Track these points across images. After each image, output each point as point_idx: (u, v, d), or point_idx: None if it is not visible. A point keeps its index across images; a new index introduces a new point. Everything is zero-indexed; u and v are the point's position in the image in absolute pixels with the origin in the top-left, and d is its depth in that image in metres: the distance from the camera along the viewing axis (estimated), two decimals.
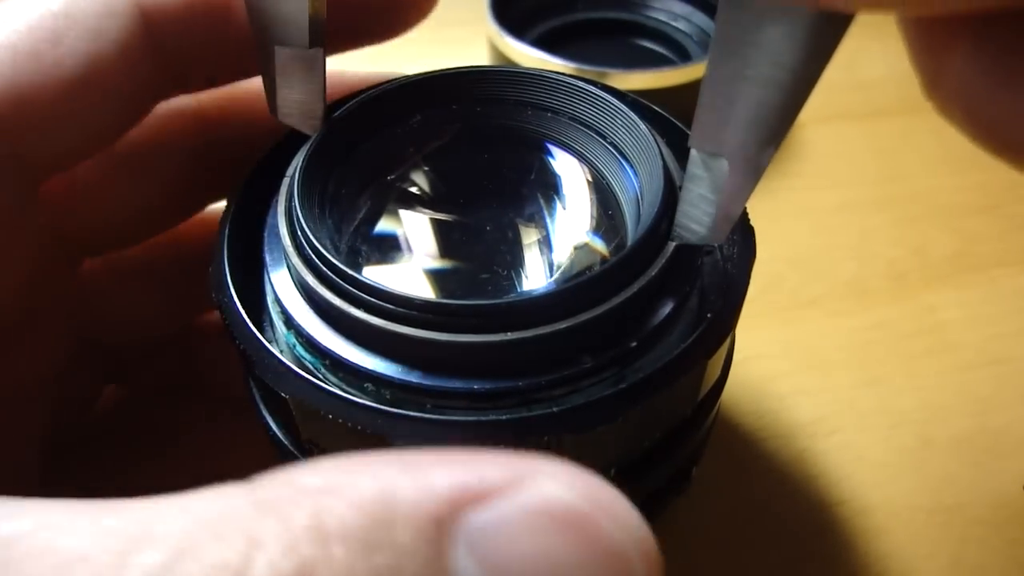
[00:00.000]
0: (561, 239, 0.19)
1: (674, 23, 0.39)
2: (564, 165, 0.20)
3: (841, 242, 0.33)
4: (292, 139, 0.19)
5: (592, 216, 0.19)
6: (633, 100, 0.19)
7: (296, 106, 0.18)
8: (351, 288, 0.15)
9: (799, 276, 0.32)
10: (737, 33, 0.12)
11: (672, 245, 0.16)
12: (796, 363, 0.28)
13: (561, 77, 0.19)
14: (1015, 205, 0.35)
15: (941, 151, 0.37)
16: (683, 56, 0.38)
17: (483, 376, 0.14)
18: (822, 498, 0.24)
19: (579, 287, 0.15)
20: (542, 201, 0.20)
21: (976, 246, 0.33)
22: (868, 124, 0.39)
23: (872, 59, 0.43)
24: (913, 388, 0.27)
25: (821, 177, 0.37)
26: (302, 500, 0.10)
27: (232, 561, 0.10)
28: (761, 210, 0.35)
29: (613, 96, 0.19)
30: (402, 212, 0.20)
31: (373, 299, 0.14)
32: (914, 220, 0.34)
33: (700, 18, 0.38)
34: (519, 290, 0.18)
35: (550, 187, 0.20)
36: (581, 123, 0.19)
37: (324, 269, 0.15)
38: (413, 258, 0.19)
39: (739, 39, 0.12)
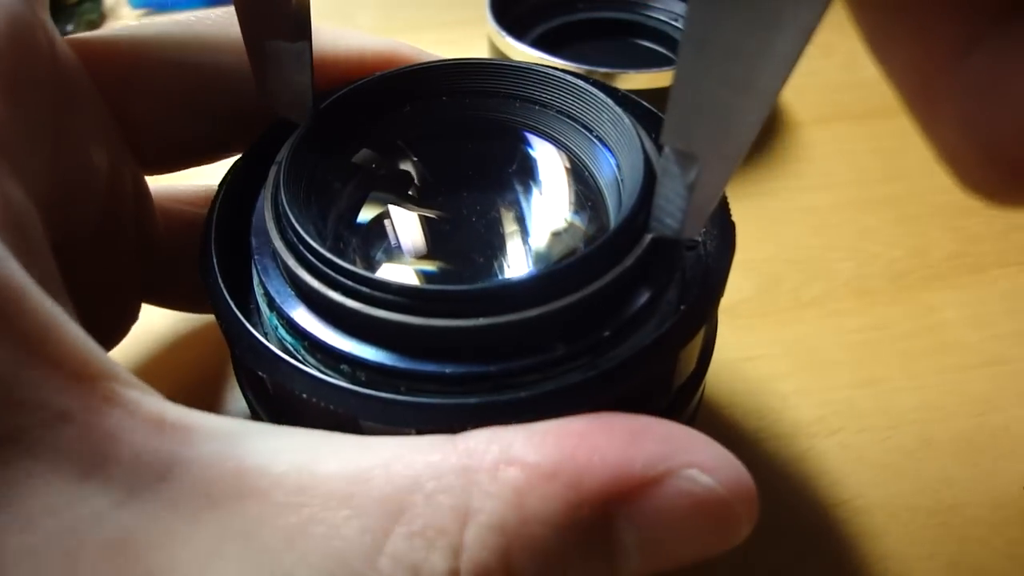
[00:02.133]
0: (543, 229, 0.20)
1: (674, 23, 0.39)
2: (549, 157, 0.20)
3: (841, 242, 0.33)
4: (282, 128, 0.19)
5: (575, 205, 0.20)
6: (623, 95, 0.20)
7: (285, 96, 0.18)
8: (329, 271, 0.15)
9: (799, 276, 0.32)
10: (705, 30, 0.12)
11: (649, 237, 0.16)
12: (796, 363, 0.28)
13: (549, 71, 0.20)
14: None
15: None
16: None
17: (456, 360, 0.15)
18: (822, 498, 0.24)
19: (553, 274, 0.15)
20: (526, 192, 0.20)
21: (976, 246, 0.33)
22: (868, 124, 0.39)
23: (871, 59, 0.43)
24: (913, 388, 0.27)
25: (821, 177, 0.37)
26: (505, 476, 0.12)
27: (448, 527, 0.12)
28: (761, 210, 0.35)
29: (599, 90, 0.19)
30: (387, 201, 0.20)
31: (350, 282, 0.15)
32: (914, 220, 0.34)
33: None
34: (499, 277, 0.19)
35: (534, 178, 0.20)
36: (567, 116, 0.20)
37: (304, 252, 0.16)
38: (396, 245, 0.19)
39: (707, 36, 0.12)
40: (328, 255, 0.15)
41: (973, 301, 0.31)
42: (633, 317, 0.16)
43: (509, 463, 0.12)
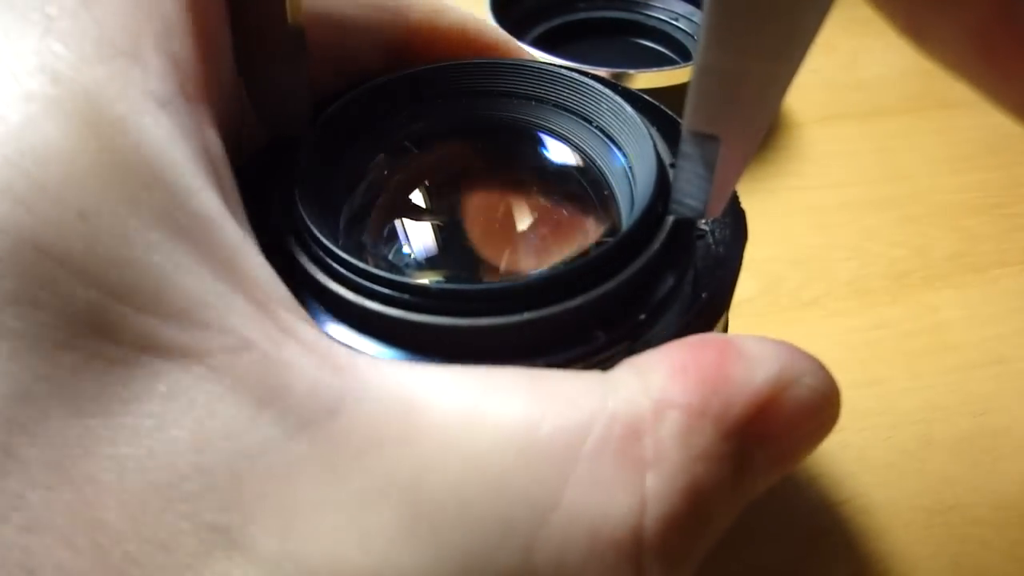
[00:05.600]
0: (556, 223, 0.20)
1: (674, 22, 0.39)
2: (553, 151, 0.20)
3: (841, 242, 0.33)
4: (280, 143, 0.19)
5: (584, 198, 0.20)
6: (623, 89, 0.20)
7: (284, 112, 0.18)
8: (363, 281, 0.15)
9: (799, 276, 0.32)
10: (726, 7, 0.12)
11: (670, 220, 0.16)
12: None
13: (542, 66, 0.20)
14: (1015, 205, 0.35)
15: (942, 151, 0.37)
16: (684, 56, 0.38)
17: (502, 358, 0.14)
18: (823, 498, 0.24)
19: (591, 263, 0.15)
20: (536, 187, 0.20)
21: (977, 246, 0.33)
22: (869, 124, 0.39)
23: (873, 58, 0.43)
24: (914, 388, 0.27)
25: (821, 177, 0.36)
26: (669, 421, 0.12)
27: (627, 478, 0.12)
28: (761, 210, 0.35)
29: (596, 82, 0.19)
30: (398, 204, 0.20)
31: (387, 290, 0.15)
32: (915, 220, 0.34)
33: (701, 17, 0.38)
34: (516, 275, 0.19)
35: (542, 173, 0.20)
36: (566, 109, 0.20)
37: (335, 265, 0.15)
38: (412, 249, 0.19)
39: (728, 13, 0.12)
40: (362, 265, 0.15)
41: (974, 301, 0.31)
42: (662, 301, 0.16)
43: (668, 407, 0.12)
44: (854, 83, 0.42)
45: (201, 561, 0.11)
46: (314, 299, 0.16)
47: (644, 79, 0.32)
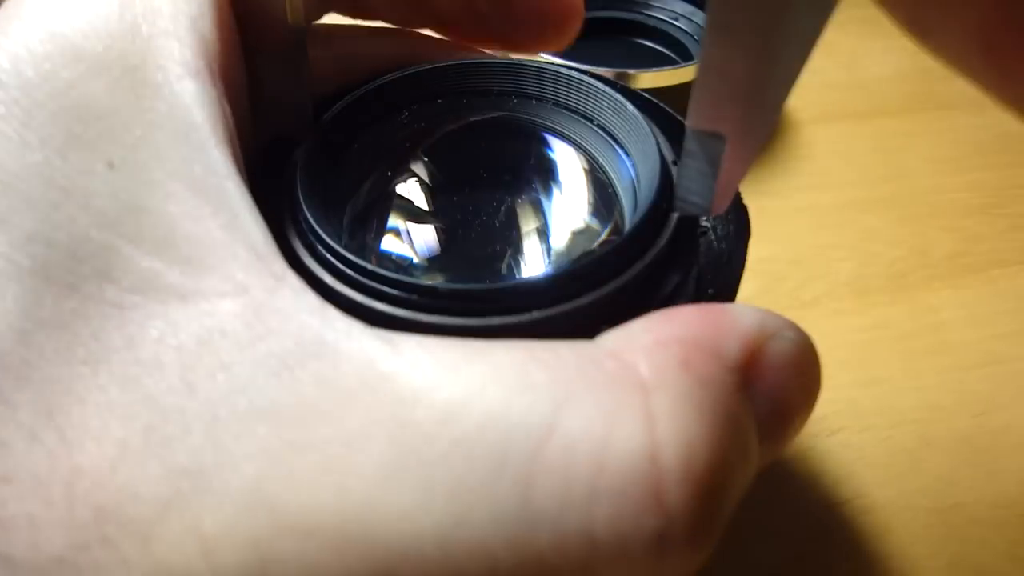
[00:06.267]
0: (560, 221, 0.20)
1: (674, 22, 0.39)
2: (555, 149, 0.20)
3: (841, 242, 0.33)
4: (280, 144, 0.19)
5: (587, 196, 0.20)
6: (624, 88, 0.20)
7: (283, 114, 0.18)
8: (371, 283, 0.15)
9: (799, 276, 0.32)
10: (730, 6, 0.12)
11: (675, 217, 0.16)
12: None
13: (543, 64, 0.20)
14: (1015, 205, 0.35)
15: (941, 151, 0.37)
16: (684, 56, 0.38)
17: None
18: (823, 498, 0.24)
19: (598, 262, 0.15)
20: (537, 185, 0.20)
21: (976, 246, 0.33)
22: (869, 124, 0.39)
23: (873, 59, 0.43)
24: (913, 388, 0.27)
25: (821, 177, 0.37)
26: (667, 351, 0.12)
27: (630, 400, 0.11)
28: (761, 210, 0.35)
29: (595, 79, 0.19)
30: (401, 204, 0.20)
31: (395, 291, 0.15)
32: (914, 220, 0.34)
33: (701, 17, 0.38)
34: (520, 274, 0.19)
35: (544, 172, 0.20)
36: (567, 108, 0.20)
37: (343, 268, 0.15)
38: (415, 249, 0.19)
39: (732, 11, 0.12)
40: (369, 266, 0.15)
41: (973, 301, 0.31)
42: (668, 298, 0.16)
43: (663, 340, 0.12)
44: (854, 83, 0.42)
45: (172, 509, 0.11)
46: (319, 301, 0.16)
47: (645, 79, 0.32)
